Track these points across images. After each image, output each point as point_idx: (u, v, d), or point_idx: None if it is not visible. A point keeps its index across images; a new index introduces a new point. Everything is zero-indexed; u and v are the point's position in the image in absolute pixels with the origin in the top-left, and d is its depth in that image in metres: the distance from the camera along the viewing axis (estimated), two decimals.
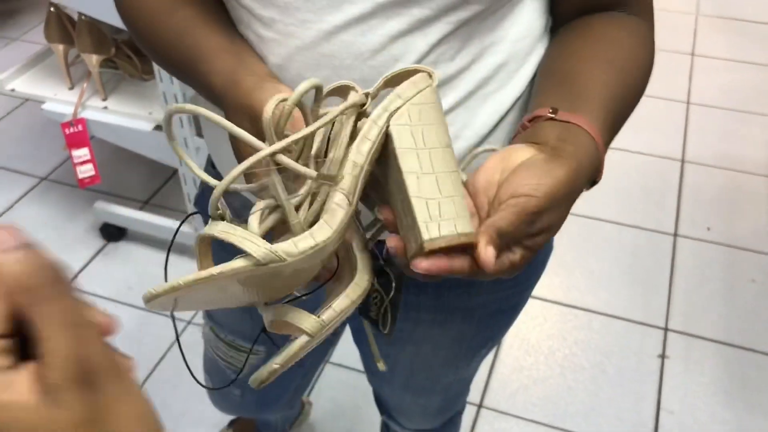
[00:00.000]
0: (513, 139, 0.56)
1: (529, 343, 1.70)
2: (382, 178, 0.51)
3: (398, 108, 0.49)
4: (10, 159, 2.20)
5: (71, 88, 1.73)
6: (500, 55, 0.62)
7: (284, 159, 0.45)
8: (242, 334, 0.91)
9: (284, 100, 0.45)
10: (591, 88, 0.58)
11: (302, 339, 0.47)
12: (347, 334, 0.97)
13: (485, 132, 0.63)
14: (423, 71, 0.52)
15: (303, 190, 0.47)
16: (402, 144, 0.49)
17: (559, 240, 0.64)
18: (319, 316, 0.47)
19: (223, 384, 1.00)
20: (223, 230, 0.45)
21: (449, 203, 0.48)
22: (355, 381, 1.59)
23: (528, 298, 0.85)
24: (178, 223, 1.54)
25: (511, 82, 0.63)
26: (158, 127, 1.64)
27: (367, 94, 0.50)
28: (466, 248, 0.48)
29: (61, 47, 1.68)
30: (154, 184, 2.09)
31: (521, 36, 0.63)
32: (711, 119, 2.40)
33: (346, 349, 1.66)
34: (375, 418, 1.16)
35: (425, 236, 0.46)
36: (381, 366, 0.83)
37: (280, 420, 1.33)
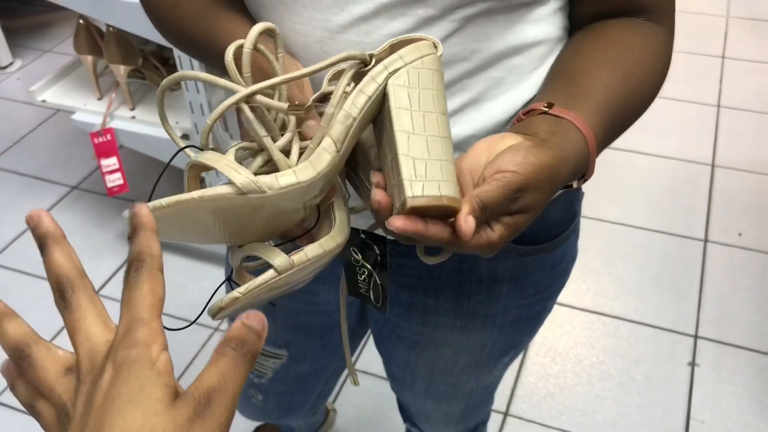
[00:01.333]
0: (507, 130, 0.57)
1: (556, 351, 1.68)
2: (377, 139, 0.52)
3: (398, 69, 0.50)
4: (42, 168, 2.25)
5: (100, 99, 1.76)
6: (515, 59, 0.62)
7: (258, 97, 0.47)
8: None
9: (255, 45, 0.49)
10: (592, 89, 0.58)
11: (269, 273, 0.48)
12: (371, 342, 0.96)
13: (495, 132, 0.63)
14: (428, 41, 0.52)
15: (289, 129, 0.49)
16: (397, 104, 0.49)
17: (588, 246, 0.64)
18: (290, 257, 0.49)
19: (246, 389, 1.00)
20: (210, 158, 0.48)
21: (436, 165, 0.48)
22: (380, 388, 1.59)
23: (552, 308, 0.84)
24: None
25: (524, 84, 0.64)
26: (185, 136, 1.66)
27: (371, 56, 0.51)
28: (446, 217, 0.48)
29: (90, 58, 1.71)
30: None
31: (538, 40, 0.63)
32: (742, 123, 2.36)
33: (371, 356, 1.67)
34: (399, 425, 1.15)
35: (408, 193, 0.47)
36: (354, 381, 0.82)
37: (304, 427, 1.33)
